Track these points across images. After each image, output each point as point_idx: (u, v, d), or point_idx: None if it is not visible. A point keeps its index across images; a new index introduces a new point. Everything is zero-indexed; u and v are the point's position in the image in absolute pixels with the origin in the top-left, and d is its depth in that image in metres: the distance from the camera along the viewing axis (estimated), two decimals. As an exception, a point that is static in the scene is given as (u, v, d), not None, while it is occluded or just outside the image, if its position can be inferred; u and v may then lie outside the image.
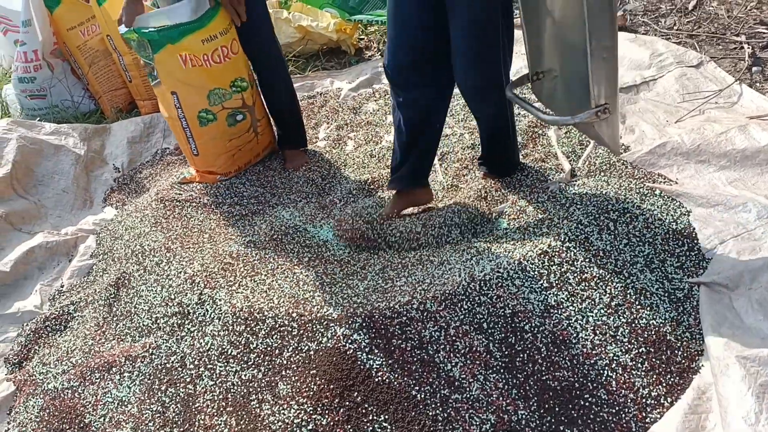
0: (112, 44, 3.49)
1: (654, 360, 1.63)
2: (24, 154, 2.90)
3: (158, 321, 2.01)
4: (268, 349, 1.75)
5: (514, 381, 1.61)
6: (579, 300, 1.73)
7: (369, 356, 1.65)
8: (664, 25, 3.15)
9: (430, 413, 1.56)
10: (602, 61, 1.72)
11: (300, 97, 3.43)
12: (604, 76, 1.75)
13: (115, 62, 3.58)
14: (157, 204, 2.59)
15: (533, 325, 1.68)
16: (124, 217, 2.69)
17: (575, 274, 1.78)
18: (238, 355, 1.77)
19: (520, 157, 2.50)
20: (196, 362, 1.82)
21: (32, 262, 2.55)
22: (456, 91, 2.21)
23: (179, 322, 1.96)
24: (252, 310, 1.85)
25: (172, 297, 2.04)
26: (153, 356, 1.92)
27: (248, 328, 1.81)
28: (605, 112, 1.77)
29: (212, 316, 1.91)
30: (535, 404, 1.58)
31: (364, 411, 1.58)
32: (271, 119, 2.91)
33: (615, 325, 1.69)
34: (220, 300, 1.93)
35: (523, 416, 1.56)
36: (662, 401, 1.56)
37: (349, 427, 1.56)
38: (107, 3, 3.38)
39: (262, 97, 2.82)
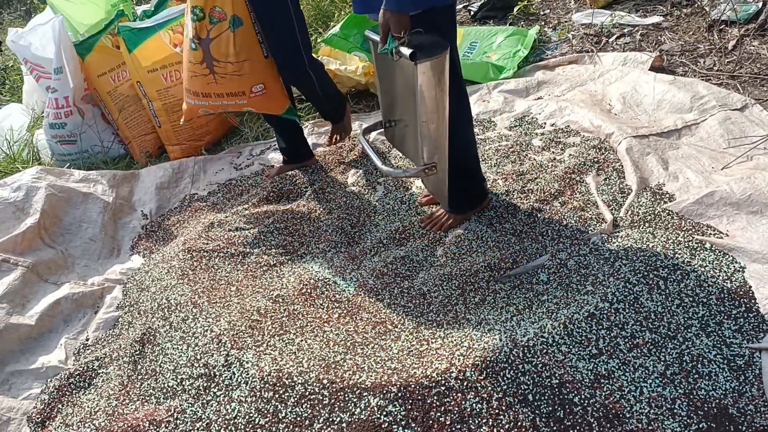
0: (141, 90, 3.50)
1: (716, 437, 1.50)
2: (52, 203, 2.88)
3: (183, 383, 1.93)
4: (298, 419, 1.65)
5: (563, 458, 1.49)
6: (631, 368, 1.61)
7: (405, 430, 1.54)
8: (704, 65, 3.05)
9: (473, 494, 1.45)
10: (427, 128, 2.03)
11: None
12: (429, 140, 2.07)
13: (145, 108, 3.59)
14: (185, 254, 2.54)
15: (583, 397, 1.56)
16: (150, 267, 2.64)
17: (626, 340, 1.67)
18: (267, 425, 1.68)
19: (558, 204, 2.40)
20: (222, 431, 1.73)
21: (58, 314, 2.50)
22: (489, 135, 2.14)
23: (205, 384, 1.88)
24: (281, 375, 1.76)
25: (198, 357, 1.97)
26: (178, 421, 1.83)
27: (276, 395, 1.72)
28: (432, 170, 2.13)
29: (239, 380, 1.82)
30: (586, 485, 1.45)
31: (400, 490, 1.47)
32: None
33: (672, 396, 1.56)
34: (247, 363, 1.85)
35: (574, 499, 1.43)
36: (727, 484, 1.43)
37: (385, 508, 1.45)
38: (137, 50, 3.41)
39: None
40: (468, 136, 2.33)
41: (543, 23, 4.08)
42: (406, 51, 1.87)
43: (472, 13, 4.53)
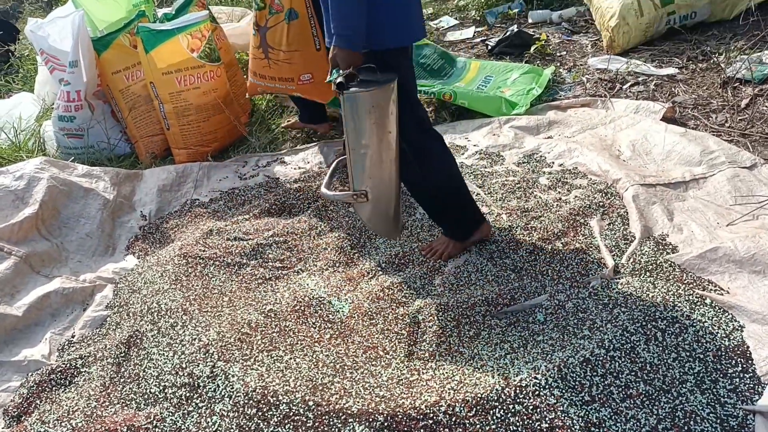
0: (154, 91, 3.50)
1: (704, 498, 1.47)
2: (52, 195, 2.86)
3: (166, 390, 1.89)
4: (280, 439, 1.61)
5: (547, 506, 1.45)
6: (623, 419, 1.58)
7: (388, 461, 1.51)
8: (716, 121, 3.06)
9: None
10: (359, 156, 2.10)
11: (332, 159, 3.40)
12: (361, 168, 2.12)
13: (155, 109, 3.58)
14: (180, 260, 2.51)
15: (572, 444, 1.53)
16: (144, 269, 2.61)
17: (620, 389, 1.64)
18: (247, 442, 1.64)
19: (560, 245, 2.39)
20: (200, 443, 1.69)
21: (46, 308, 2.47)
22: (497, 169, 2.12)
23: (188, 394, 1.84)
24: (266, 392, 1.72)
25: (183, 366, 1.93)
26: (156, 429, 1.79)
27: (260, 413, 1.68)
28: (362, 197, 2.15)
29: (223, 393, 1.78)
30: None
31: None
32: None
33: (662, 452, 1.53)
34: (233, 376, 1.81)
35: None
36: None
37: None
38: (154, 51, 3.42)
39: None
40: (436, 169, 2.32)
41: (558, 64, 4.10)
42: (338, 79, 1.97)
43: (489, 47, 4.56)
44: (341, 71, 1.99)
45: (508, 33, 4.49)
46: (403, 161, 2.24)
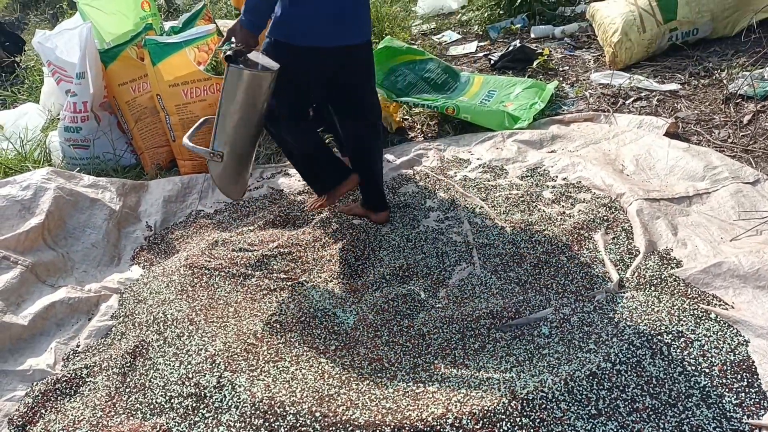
0: (160, 103, 3.52)
1: None
2: (59, 205, 2.87)
3: (172, 400, 1.89)
4: (287, 450, 1.62)
5: None
6: (629, 433, 1.58)
7: (396, 473, 1.51)
8: (718, 136, 3.08)
9: None
10: (225, 122, 2.46)
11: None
12: (223, 133, 2.48)
13: (161, 120, 3.61)
14: (185, 270, 2.52)
15: (578, 457, 1.53)
16: (150, 279, 2.62)
17: (626, 403, 1.64)
18: (254, 453, 1.64)
19: (564, 258, 2.40)
20: (207, 454, 1.70)
21: (51, 317, 2.47)
22: (500, 182, 2.14)
23: (194, 405, 1.85)
24: (273, 402, 1.73)
25: (190, 376, 1.93)
26: (162, 440, 1.79)
27: (267, 423, 1.68)
28: (217, 157, 2.52)
29: (230, 403, 1.79)
30: None
31: None
32: None
33: (668, 466, 1.53)
34: (239, 386, 1.82)
35: None
36: None
37: None
38: (161, 64, 3.45)
39: None
40: (293, 141, 2.70)
41: (561, 79, 4.13)
42: (227, 51, 2.34)
43: (491, 62, 4.60)
44: (233, 45, 2.35)
45: (510, 48, 4.53)
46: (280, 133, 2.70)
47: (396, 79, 4.05)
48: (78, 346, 2.39)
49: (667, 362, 1.77)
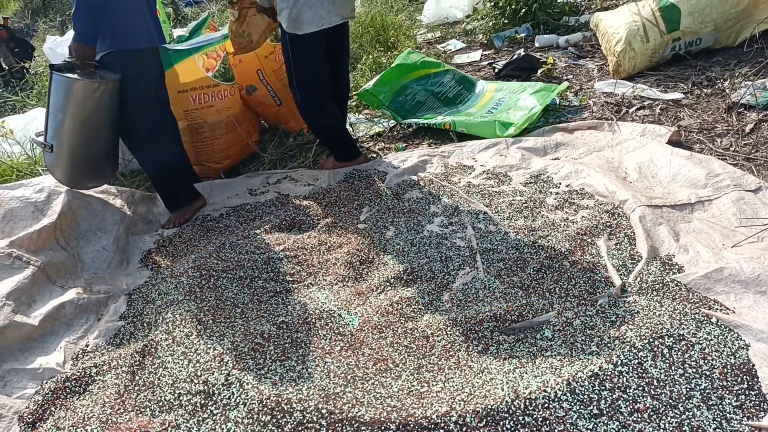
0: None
1: None
2: (72, 207, 2.93)
3: (181, 398, 1.93)
4: (294, 446, 1.65)
5: None
6: (630, 433, 1.61)
7: (400, 469, 1.54)
8: (720, 145, 3.12)
9: None
10: (52, 119, 2.83)
11: (344, 176, 3.47)
12: (52, 127, 2.84)
13: (170, 125, 3.65)
14: (194, 272, 2.56)
15: (580, 455, 1.56)
16: (158, 281, 2.66)
17: (627, 403, 1.67)
18: (261, 449, 1.67)
19: (567, 263, 2.43)
20: (215, 450, 1.73)
21: (61, 317, 2.51)
22: (504, 189, 2.17)
23: (203, 401, 1.88)
24: (280, 399, 1.76)
25: (198, 374, 1.97)
26: (171, 436, 1.82)
27: (274, 420, 1.71)
28: (47, 148, 2.86)
29: (237, 400, 1.82)
30: None
31: None
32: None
33: (669, 465, 1.56)
34: (247, 384, 1.85)
35: None
36: None
37: None
38: (170, 70, 3.50)
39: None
40: (152, 149, 3.12)
41: (566, 83, 4.18)
42: (56, 64, 2.79)
43: (496, 70, 4.65)
44: (70, 59, 2.77)
45: (515, 56, 4.58)
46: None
47: (405, 99, 4.10)
48: (87, 345, 2.43)
49: (668, 365, 1.79)
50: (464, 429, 1.59)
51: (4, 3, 13.40)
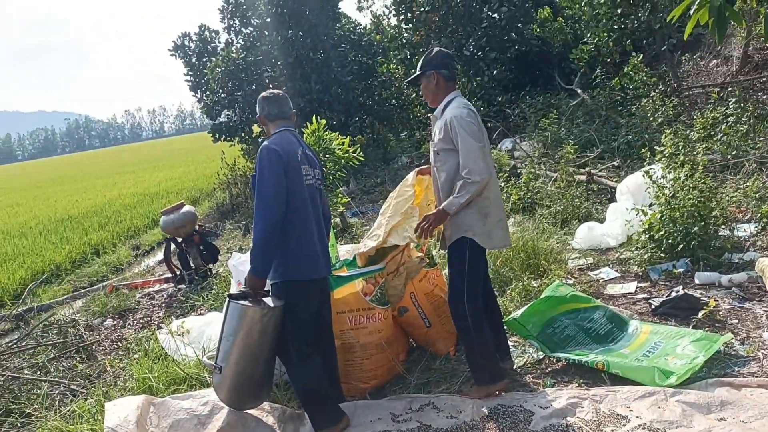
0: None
1: None
2: (230, 423, 3.14)
3: None
4: None
5: None
6: None
7: None
8: None
9: None
10: (224, 342, 3.17)
11: (489, 410, 3.38)
12: (223, 350, 3.17)
13: (326, 344, 3.88)
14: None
15: None
16: None
17: None
18: None
19: None
20: None
21: None
22: None
23: None
24: None
25: None
26: None
27: None
28: (216, 370, 3.16)
29: None
30: None
31: None
32: None
33: None
34: None
35: None
36: None
37: None
38: (334, 293, 3.82)
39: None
40: (302, 372, 3.32)
41: (730, 334, 3.92)
42: (233, 293, 3.33)
43: (652, 306, 4.49)
44: (244, 290, 3.19)
45: (672, 294, 4.42)
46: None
47: (554, 331, 4.06)
48: None
49: None
50: None
51: (200, 205, 15.55)
